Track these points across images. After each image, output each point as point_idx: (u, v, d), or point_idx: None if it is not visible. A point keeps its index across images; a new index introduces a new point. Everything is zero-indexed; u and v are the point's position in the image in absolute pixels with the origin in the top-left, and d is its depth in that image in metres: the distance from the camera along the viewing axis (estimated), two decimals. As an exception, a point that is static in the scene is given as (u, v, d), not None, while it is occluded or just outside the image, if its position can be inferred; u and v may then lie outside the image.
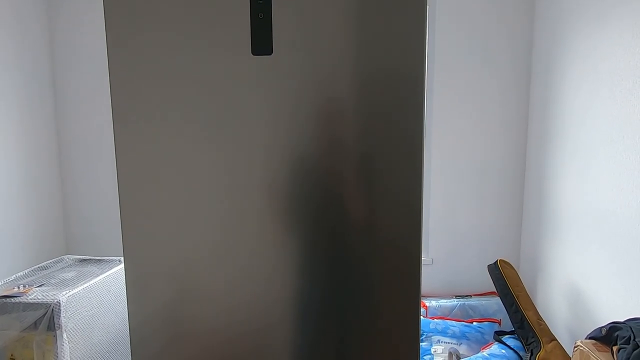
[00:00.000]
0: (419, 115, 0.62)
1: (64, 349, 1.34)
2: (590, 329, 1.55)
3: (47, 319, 1.32)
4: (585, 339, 1.13)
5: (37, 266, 1.72)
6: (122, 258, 1.82)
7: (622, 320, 1.09)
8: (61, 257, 1.85)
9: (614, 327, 1.04)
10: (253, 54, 0.59)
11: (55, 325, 1.33)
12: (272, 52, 0.59)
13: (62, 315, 1.34)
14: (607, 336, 1.05)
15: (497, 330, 1.88)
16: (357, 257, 0.65)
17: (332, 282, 0.65)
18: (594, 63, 1.54)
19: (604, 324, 1.11)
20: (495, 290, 2.03)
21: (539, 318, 1.70)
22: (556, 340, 1.64)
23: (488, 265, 1.86)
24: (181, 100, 0.61)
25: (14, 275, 1.59)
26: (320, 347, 0.67)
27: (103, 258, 1.83)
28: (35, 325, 1.32)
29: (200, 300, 0.65)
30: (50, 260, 1.79)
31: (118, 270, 1.67)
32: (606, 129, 1.47)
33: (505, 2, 2.05)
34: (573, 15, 1.68)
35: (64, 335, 1.35)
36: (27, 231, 1.99)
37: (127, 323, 1.71)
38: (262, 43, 0.58)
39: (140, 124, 0.62)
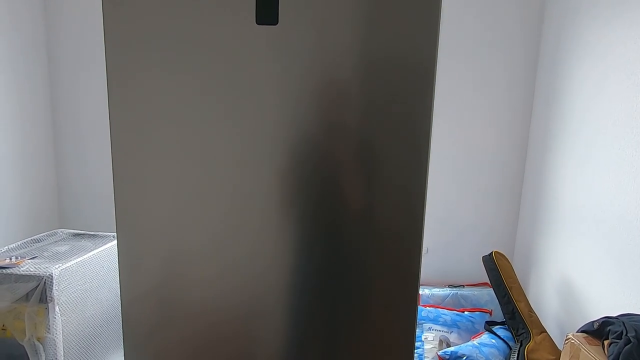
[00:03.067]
0: (427, 103, 0.60)
1: (56, 321, 1.34)
2: (580, 323, 1.56)
3: (39, 291, 1.31)
4: (577, 332, 1.14)
5: (30, 238, 1.70)
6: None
7: (614, 315, 1.10)
8: (55, 230, 1.83)
9: (606, 321, 1.05)
10: (257, 23, 0.56)
11: (48, 298, 1.32)
12: (277, 22, 0.56)
13: (54, 288, 1.33)
14: (599, 330, 1.06)
15: (488, 320, 1.90)
16: (355, 245, 0.64)
17: (328, 267, 0.64)
18: (602, 57, 1.51)
19: (595, 319, 1.12)
20: (489, 281, 2.05)
21: (530, 310, 1.72)
22: (546, 332, 1.66)
23: (483, 257, 1.86)
24: (179, 69, 0.58)
25: (6, 247, 1.58)
26: (314, 334, 0.66)
27: (97, 233, 1.82)
28: (27, 297, 1.31)
29: (194, 283, 0.64)
30: (44, 234, 1.77)
31: (112, 246, 1.66)
32: (607, 124, 1.45)
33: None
34: (583, 8, 1.64)
35: (57, 308, 1.34)
36: (20, 204, 1.97)
37: (119, 298, 1.71)
38: (267, 12, 0.55)
39: (137, 94, 0.59)
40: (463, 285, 2.21)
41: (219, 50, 0.57)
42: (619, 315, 1.07)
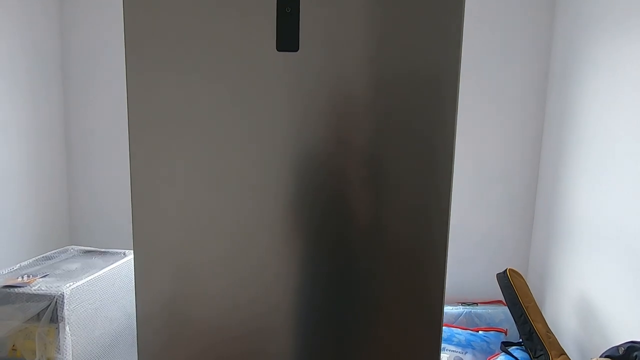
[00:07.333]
0: (450, 119, 0.59)
1: (66, 341, 1.33)
2: (600, 345, 1.51)
3: (50, 311, 1.30)
4: (601, 356, 1.10)
5: (41, 256, 1.70)
6: (127, 251, 1.80)
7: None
8: (66, 247, 1.84)
9: (632, 346, 1.01)
10: (278, 50, 0.56)
11: (58, 318, 1.31)
12: (298, 48, 0.56)
13: (65, 308, 1.32)
14: (625, 356, 1.02)
15: (504, 340, 1.84)
16: (367, 264, 0.63)
17: (336, 287, 0.63)
18: (613, 70, 1.49)
19: (618, 343, 1.08)
20: (503, 299, 2.00)
21: (548, 330, 1.67)
22: (565, 354, 1.61)
23: (497, 274, 1.82)
24: (199, 95, 0.58)
25: (19, 265, 1.58)
26: (322, 354, 0.65)
27: (108, 250, 1.82)
28: (38, 316, 1.31)
29: (203, 298, 0.64)
30: (55, 251, 1.78)
31: (122, 263, 1.65)
32: (626, 139, 1.43)
33: (523, 8, 2.00)
34: (593, 23, 1.63)
35: (67, 328, 1.33)
36: (32, 220, 1.98)
37: (130, 317, 1.69)
38: (288, 39, 0.55)
39: (156, 118, 0.59)
40: (476, 303, 2.16)
41: (239, 76, 0.58)
42: (645, 340, 1.03)
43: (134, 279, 0.64)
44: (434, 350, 0.66)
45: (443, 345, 1.86)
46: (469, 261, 2.19)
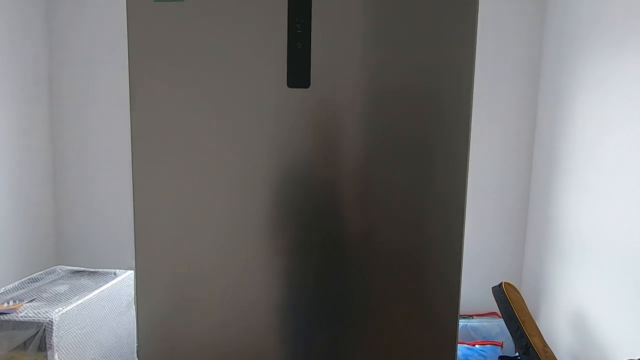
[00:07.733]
0: (463, 143, 0.59)
1: (55, 370, 1.27)
2: (598, 358, 1.52)
3: (38, 339, 1.25)
4: (601, 376, 1.10)
5: (27, 278, 1.64)
6: (117, 271, 1.75)
7: (637, 357, 1.06)
8: (53, 267, 1.77)
9: (632, 366, 1.01)
10: (289, 87, 0.55)
11: (47, 345, 1.26)
12: (309, 85, 0.55)
13: (54, 335, 1.27)
14: (626, 376, 1.02)
15: (501, 355, 1.85)
16: (368, 271, 0.62)
17: (335, 292, 0.62)
18: (604, 83, 1.53)
19: (619, 359, 1.08)
20: (498, 312, 2.01)
21: (545, 345, 1.67)
22: (562, 368, 1.61)
23: (492, 288, 1.83)
24: (203, 122, 0.57)
25: (4, 288, 1.52)
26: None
27: (97, 270, 1.76)
28: (25, 345, 1.25)
29: (203, 306, 0.63)
30: (42, 272, 1.71)
31: (112, 285, 1.60)
32: (616, 151, 1.46)
33: (513, 23, 2.04)
34: (582, 34, 1.67)
35: (56, 356, 1.28)
36: (17, 239, 1.91)
37: (120, 339, 1.64)
38: (298, 75, 0.54)
39: (161, 143, 0.58)
40: (472, 316, 2.16)
41: (246, 111, 0.56)
42: (644, 359, 1.04)
43: (133, 293, 0.62)
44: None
45: (440, 360, 1.85)
46: (463, 274, 2.20)
